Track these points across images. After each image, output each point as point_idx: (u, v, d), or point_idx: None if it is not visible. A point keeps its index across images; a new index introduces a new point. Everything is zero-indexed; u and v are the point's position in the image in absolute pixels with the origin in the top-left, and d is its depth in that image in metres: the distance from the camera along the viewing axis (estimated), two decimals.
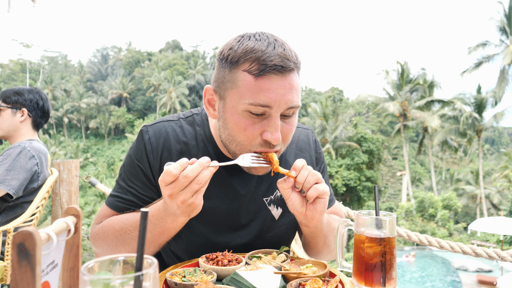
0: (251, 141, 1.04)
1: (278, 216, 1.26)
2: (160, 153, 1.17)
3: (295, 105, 1.03)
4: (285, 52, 1.00)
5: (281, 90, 0.99)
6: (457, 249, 1.64)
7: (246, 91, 1.00)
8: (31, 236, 0.47)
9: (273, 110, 1.00)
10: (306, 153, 1.34)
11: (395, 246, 1.02)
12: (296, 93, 1.03)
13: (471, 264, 17.89)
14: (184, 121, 1.23)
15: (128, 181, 1.20)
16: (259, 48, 0.99)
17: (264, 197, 1.24)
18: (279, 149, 1.08)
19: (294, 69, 1.02)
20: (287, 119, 1.06)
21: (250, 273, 0.93)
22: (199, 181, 0.93)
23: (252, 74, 0.99)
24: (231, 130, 1.06)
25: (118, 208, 1.20)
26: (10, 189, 2.23)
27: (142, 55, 68.79)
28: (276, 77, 0.99)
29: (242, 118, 1.02)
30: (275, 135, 1.01)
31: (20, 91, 2.52)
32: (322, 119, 32.51)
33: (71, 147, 46.15)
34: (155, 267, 0.52)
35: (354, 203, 29.98)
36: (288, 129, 1.07)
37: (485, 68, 31.33)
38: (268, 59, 0.98)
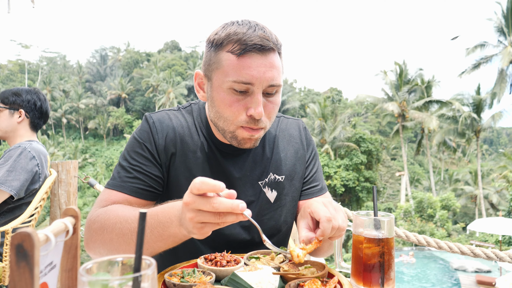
0: (237, 116, 1.11)
1: (274, 199, 1.31)
2: (166, 134, 1.23)
3: (276, 83, 1.10)
4: (265, 33, 1.08)
5: (262, 68, 1.07)
6: (455, 250, 1.65)
7: (229, 69, 1.08)
8: (30, 237, 0.47)
9: (255, 87, 1.08)
10: (297, 139, 1.40)
11: (394, 246, 1.02)
12: (277, 72, 1.10)
13: (470, 264, 17.91)
14: (183, 110, 1.33)
15: (132, 160, 1.20)
16: (240, 31, 1.08)
17: (259, 180, 1.29)
18: (264, 126, 1.15)
19: (274, 49, 1.10)
20: (270, 97, 1.13)
21: (249, 274, 0.93)
22: (219, 218, 0.83)
23: (235, 53, 1.07)
24: (218, 107, 1.13)
25: (125, 189, 1.17)
26: (11, 190, 2.23)
27: (141, 56, 68.74)
28: (257, 56, 1.07)
29: (227, 95, 1.10)
30: (258, 110, 1.08)
31: (18, 92, 2.51)
32: (321, 119, 32.54)
33: (69, 147, 46.12)
34: (154, 268, 0.52)
35: (353, 203, 30.01)
36: (271, 107, 1.14)
37: (483, 69, 31.39)
38: (248, 39, 1.06)
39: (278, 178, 1.32)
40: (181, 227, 0.89)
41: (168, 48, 72.99)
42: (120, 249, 1.02)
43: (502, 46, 30.49)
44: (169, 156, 1.22)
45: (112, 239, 1.02)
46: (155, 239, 0.95)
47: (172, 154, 1.23)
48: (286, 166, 1.34)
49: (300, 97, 64.42)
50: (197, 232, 0.85)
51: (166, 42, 74.04)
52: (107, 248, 1.05)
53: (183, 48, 75.02)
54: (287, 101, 56.48)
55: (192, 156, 1.24)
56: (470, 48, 31.37)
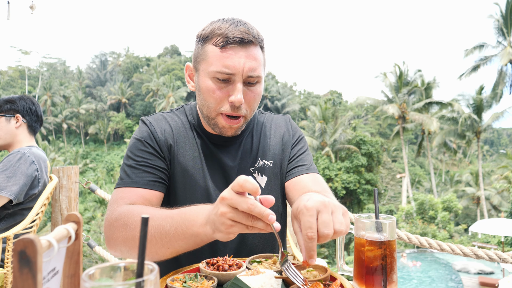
0: (219, 103, 1.21)
1: (264, 184, 1.37)
2: (163, 129, 1.32)
3: (255, 74, 1.20)
4: (246, 28, 1.19)
5: (242, 59, 1.17)
6: (457, 251, 1.64)
7: (213, 60, 1.18)
8: (32, 243, 0.47)
9: (235, 76, 1.17)
10: (283, 127, 1.48)
11: (396, 249, 1.02)
12: (256, 63, 1.20)
13: (473, 266, 17.84)
14: (176, 111, 1.43)
15: (137, 157, 1.26)
16: (224, 26, 1.19)
17: (251, 167, 1.38)
18: (245, 114, 1.24)
19: (254, 42, 1.20)
20: (251, 86, 1.22)
21: (251, 278, 0.93)
22: (251, 221, 0.83)
23: (218, 46, 1.18)
24: (203, 95, 1.23)
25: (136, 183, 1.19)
26: (10, 194, 2.23)
27: (141, 61, 68.89)
28: (238, 48, 1.17)
29: (211, 83, 1.20)
30: (237, 97, 1.18)
31: (11, 99, 2.54)
32: (322, 122, 32.53)
33: (70, 153, 46.11)
34: (156, 273, 0.52)
35: (354, 206, 29.93)
36: (252, 96, 1.23)
37: (483, 69, 31.38)
38: (230, 33, 1.16)
39: (267, 163, 1.39)
40: (206, 226, 0.90)
41: (168, 52, 73.17)
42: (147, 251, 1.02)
43: (501, 46, 30.50)
44: (169, 148, 1.31)
45: (135, 237, 1.03)
46: (178, 237, 0.96)
47: (171, 146, 1.31)
48: (273, 151, 1.41)
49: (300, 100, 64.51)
50: (225, 229, 0.85)
51: (166, 47, 74.23)
52: (129, 245, 1.05)
53: (183, 52, 75.05)
54: (287, 104, 56.51)
55: (188, 149, 1.32)
56: (469, 49, 31.40)
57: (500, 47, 30.54)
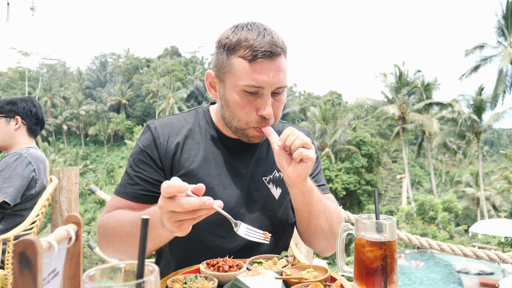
0: (249, 116, 1.22)
1: (278, 196, 1.36)
2: (167, 137, 1.30)
3: (283, 85, 1.21)
4: (273, 39, 1.17)
5: (271, 72, 1.17)
6: (458, 252, 1.64)
7: (242, 74, 1.17)
8: (33, 244, 0.47)
9: (265, 90, 1.18)
10: None
11: (396, 249, 1.02)
12: (283, 74, 1.21)
13: (473, 266, 17.83)
14: (186, 113, 1.41)
15: (135, 167, 1.29)
16: (251, 37, 1.16)
17: (263, 176, 1.36)
18: (272, 123, 1.25)
19: (281, 53, 1.20)
20: (277, 96, 1.23)
21: (251, 279, 0.93)
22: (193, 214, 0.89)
23: (246, 59, 1.16)
24: (232, 108, 1.23)
25: (127, 195, 1.27)
26: (6, 196, 2.23)
27: (141, 62, 68.92)
28: (266, 61, 1.16)
29: (240, 97, 1.20)
30: (268, 110, 1.19)
31: (13, 101, 2.54)
32: (322, 123, 32.52)
33: (70, 154, 46.10)
34: (156, 274, 0.52)
35: (354, 207, 29.91)
36: (277, 105, 1.24)
37: (483, 70, 31.36)
38: (259, 46, 1.15)
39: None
40: (163, 228, 0.97)
41: (168, 53, 73.20)
42: (121, 250, 1.15)
43: (502, 47, 30.49)
44: (173, 156, 1.29)
45: (114, 242, 1.15)
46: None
47: (175, 153, 1.29)
48: None
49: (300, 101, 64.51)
50: (177, 230, 0.91)
51: (166, 48, 74.26)
52: (112, 249, 1.19)
53: (183, 53, 75.06)
54: (287, 105, 56.53)
55: (196, 154, 1.31)
56: (469, 49, 31.39)
57: (501, 47, 30.53)
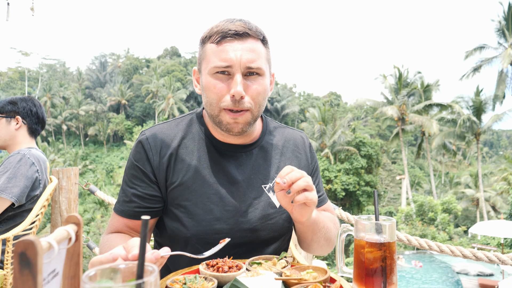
0: (221, 98, 1.19)
1: (279, 204, 1.31)
2: (159, 149, 1.27)
3: (254, 65, 1.18)
4: (243, 23, 1.19)
5: (239, 52, 1.16)
6: (457, 253, 1.64)
7: (211, 56, 1.19)
8: (33, 245, 0.47)
9: (233, 69, 1.16)
10: (302, 151, 1.45)
11: (396, 250, 1.02)
12: (256, 55, 1.18)
13: (472, 267, 17.85)
14: (179, 120, 1.38)
15: (129, 183, 1.28)
16: (221, 24, 1.20)
17: (263, 184, 1.32)
18: (248, 107, 1.20)
19: (252, 36, 1.19)
20: (252, 79, 1.20)
21: (251, 280, 0.93)
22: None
23: (215, 42, 1.18)
24: (206, 93, 1.22)
25: (124, 213, 1.27)
26: (12, 197, 2.23)
27: (141, 62, 68.94)
28: (236, 41, 1.17)
29: (212, 80, 1.19)
30: (236, 89, 1.15)
31: (13, 101, 2.54)
32: (321, 123, 32.54)
33: (70, 154, 46.07)
34: (156, 274, 0.52)
35: (353, 207, 29.92)
36: (254, 89, 1.20)
37: (483, 71, 31.38)
38: (226, 28, 1.17)
39: None
40: None
41: (168, 54, 73.22)
42: None
43: (502, 48, 30.51)
44: (166, 168, 1.27)
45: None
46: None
47: (168, 165, 1.27)
48: None
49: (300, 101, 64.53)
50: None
51: (166, 48, 74.29)
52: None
53: (183, 54, 75.04)
54: (286, 106, 56.54)
55: (190, 162, 1.28)
56: (469, 51, 31.41)
57: (501, 48, 30.55)
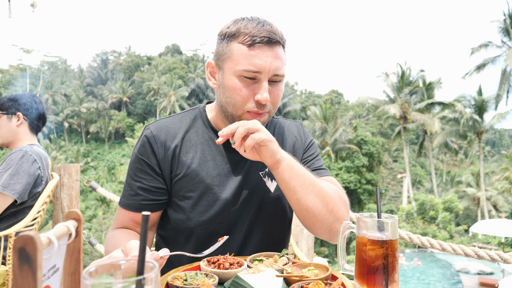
0: (245, 101, 1.21)
1: (274, 189, 1.36)
2: (164, 141, 1.30)
3: (280, 73, 1.22)
4: (272, 28, 1.21)
5: (268, 59, 1.18)
6: (459, 252, 1.63)
7: (240, 59, 1.19)
8: (32, 240, 0.46)
9: (262, 75, 1.19)
10: (296, 133, 1.49)
11: (398, 248, 1.01)
12: (281, 63, 1.22)
13: (473, 266, 17.83)
14: (182, 114, 1.40)
15: (134, 176, 1.30)
16: (250, 25, 1.20)
17: (260, 171, 1.35)
18: (268, 111, 1.25)
19: (280, 42, 1.22)
20: (275, 85, 1.24)
21: (252, 276, 0.92)
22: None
23: (245, 44, 1.18)
24: (229, 93, 1.23)
25: (130, 206, 1.29)
26: (14, 193, 2.23)
27: (142, 59, 68.86)
28: (265, 48, 1.18)
29: (238, 81, 1.20)
30: (264, 95, 1.19)
31: (13, 97, 2.53)
32: (322, 121, 32.50)
33: (71, 151, 46.16)
34: (157, 271, 0.52)
35: (354, 206, 29.91)
36: (276, 94, 1.25)
37: (487, 70, 31.24)
38: (257, 32, 1.18)
39: None
40: None
41: (169, 51, 73.10)
42: None
43: (506, 46, 30.36)
44: (171, 161, 1.29)
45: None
46: None
47: (173, 158, 1.29)
48: None
49: (301, 99, 64.44)
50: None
51: (167, 46, 74.15)
52: None
53: (184, 51, 75.01)
54: (288, 104, 56.49)
55: (195, 156, 1.31)
56: (475, 48, 31.24)
57: (505, 47, 30.39)
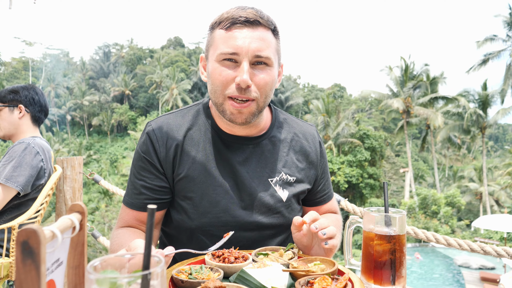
0: (225, 86, 1.15)
1: (286, 198, 1.31)
2: (165, 140, 1.25)
3: (263, 54, 1.14)
4: (255, 11, 1.16)
5: (248, 39, 1.13)
6: (465, 247, 1.62)
7: (219, 43, 1.15)
8: (35, 234, 0.45)
9: (240, 56, 1.13)
10: (312, 145, 1.41)
11: (405, 243, 1.00)
12: (264, 44, 1.14)
13: (474, 261, 17.85)
14: (185, 110, 1.34)
15: (138, 175, 1.27)
16: (232, 10, 1.17)
17: (269, 178, 1.30)
18: (254, 97, 1.16)
19: (263, 24, 1.16)
20: (260, 69, 1.16)
21: (258, 271, 0.91)
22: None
23: (224, 28, 1.15)
24: (211, 80, 1.18)
25: (133, 205, 1.27)
26: (17, 186, 2.22)
27: (144, 52, 68.70)
28: (246, 29, 1.13)
29: (218, 66, 1.16)
30: (244, 77, 1.11)
31: (15, 89, 2.52)
32: (324, 115, 32.42)
33: (74, 144, 46.31)
34: (163, 265, 0.51)
35: (356, 200, 29.93)
36: (262, 79, 1.16)
37: (491, 64, 31.02)
38: (237, 15, 1.14)
39: (290, 179, 1.32)
40: None
41: (171, 44, 72.87)
42: None
43: (511, 41, 30.09)
44: (173, 159, 1.25)
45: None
46: None
47: (175, 157, 1.25)
48: (298, 169, 1.35)
49: (304, 93, 64.21)
50: None
51: (169, 39, 73.89)
52: None
53: (186, 44, 74.75)
54: (290, 97, 56.32)
55: (196, 154, 1.26)
56: (480, 41, 30.99)
57: (510, 41, 30.12)
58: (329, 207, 1.49)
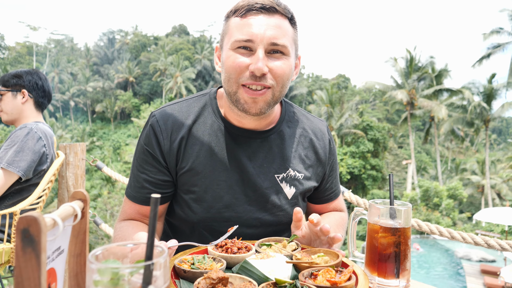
0: (239, 73, 1.11)
1: (292, 196, 1.28)
2: (170, 132, 1.21)
3: (280, 42, 1.10)
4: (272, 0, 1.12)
5: (263, 27, 1.09)
6: (469, 240, 1.61)
7: (234, 31, 1.12)
8: (36, 221, 0.44)
9: (255, 44, 1.09)
10: (321, 141, 1.37)
11: (410, 236, 0.99)
12: (281, 32, 1.11)
13: (475, 253, 17.91)
14: (191, 100, 1.29)
15: (140, 167, 1.24)
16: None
17: (276, 174, 1.26)
18: (269, 85, 1.12)
19: (279, 12, 1.12)
20: (276, 57, 1.13)
21: (261, 262, 0.90)
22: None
23: (239, 16, 1.12)
24: (225, 68, 1.15)
25: (136, 199, 1.24)
26: (19, 171, 2.22)
27: (149, 39, 68.31)
28: (261, 16, 1.10)
29: (233, 54, 1.12)
30: (257, 65, 1.08)
31: (18, 74, 2.50)
32: (328, 106, 32.27)
33: (77, 130, 46.40)
34: (166, 256, 0.50)
35: (358, 191, 29.97)
36: (278, 67, 1.12)
37: (497, 57, 30.72)
38: (253, 2, 1.11)
39: (298, 175, 1.29)
40: None
41: (176, 32, 72.35)
42: None
43: None
44: (176, 154, 1.22)
45: None
46: None
47: (179, 150, 1.22)
48: (306, 165, 1.32)
49: (308, 83, 63.84)
50: None
51: (174, 26, 73.33)
52: None
53: (191, 32, 74.28)
54: (294, 87, 56.05)
55: (201, 147, 1.22)
56: (487, 33, 30.65)
57: None
58: (335, 205, 1.46)
